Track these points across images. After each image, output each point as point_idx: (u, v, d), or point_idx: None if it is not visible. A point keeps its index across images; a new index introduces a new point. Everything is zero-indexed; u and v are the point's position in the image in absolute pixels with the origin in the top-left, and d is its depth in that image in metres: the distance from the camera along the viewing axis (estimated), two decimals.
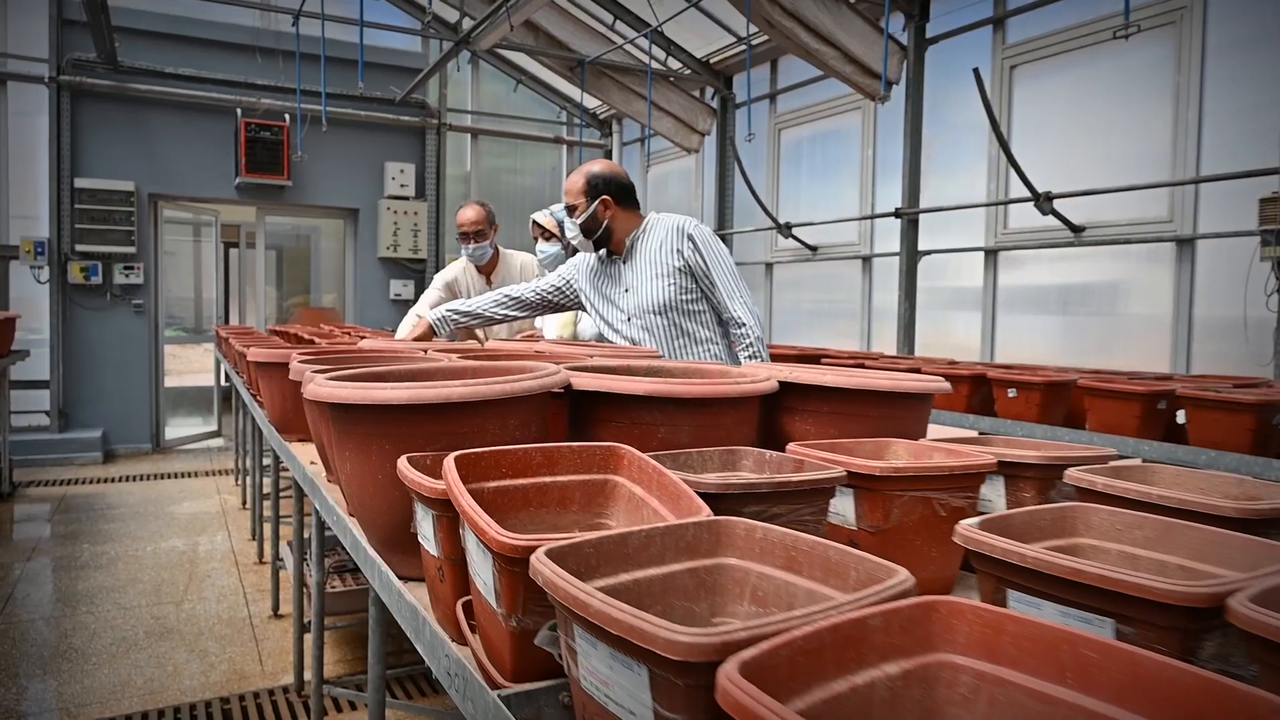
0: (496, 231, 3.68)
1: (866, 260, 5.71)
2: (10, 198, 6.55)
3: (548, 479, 0.94)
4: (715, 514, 0.83)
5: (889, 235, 5.50)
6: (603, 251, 2.63)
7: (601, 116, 8.43)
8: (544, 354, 2.10)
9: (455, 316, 2.77)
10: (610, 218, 2.52)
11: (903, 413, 1.41)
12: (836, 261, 5.97)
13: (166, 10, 6.89)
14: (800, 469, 1.10)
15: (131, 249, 6.71)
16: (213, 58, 7.02)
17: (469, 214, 3.61)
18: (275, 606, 3.65)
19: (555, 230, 3.40)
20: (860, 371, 1.40)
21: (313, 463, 2.05)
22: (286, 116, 7.09)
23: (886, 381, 1.36)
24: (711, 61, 6.83)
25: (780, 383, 1.40)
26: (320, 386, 1.13)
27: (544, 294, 2.76)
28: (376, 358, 1.90)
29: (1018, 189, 4.58)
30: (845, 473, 1.03)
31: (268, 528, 4.30)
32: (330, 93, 6.55)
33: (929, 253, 5.14)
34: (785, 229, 5.95)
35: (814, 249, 6.05)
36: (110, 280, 6.75)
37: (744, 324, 2.44)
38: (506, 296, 2.77)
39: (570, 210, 2.55)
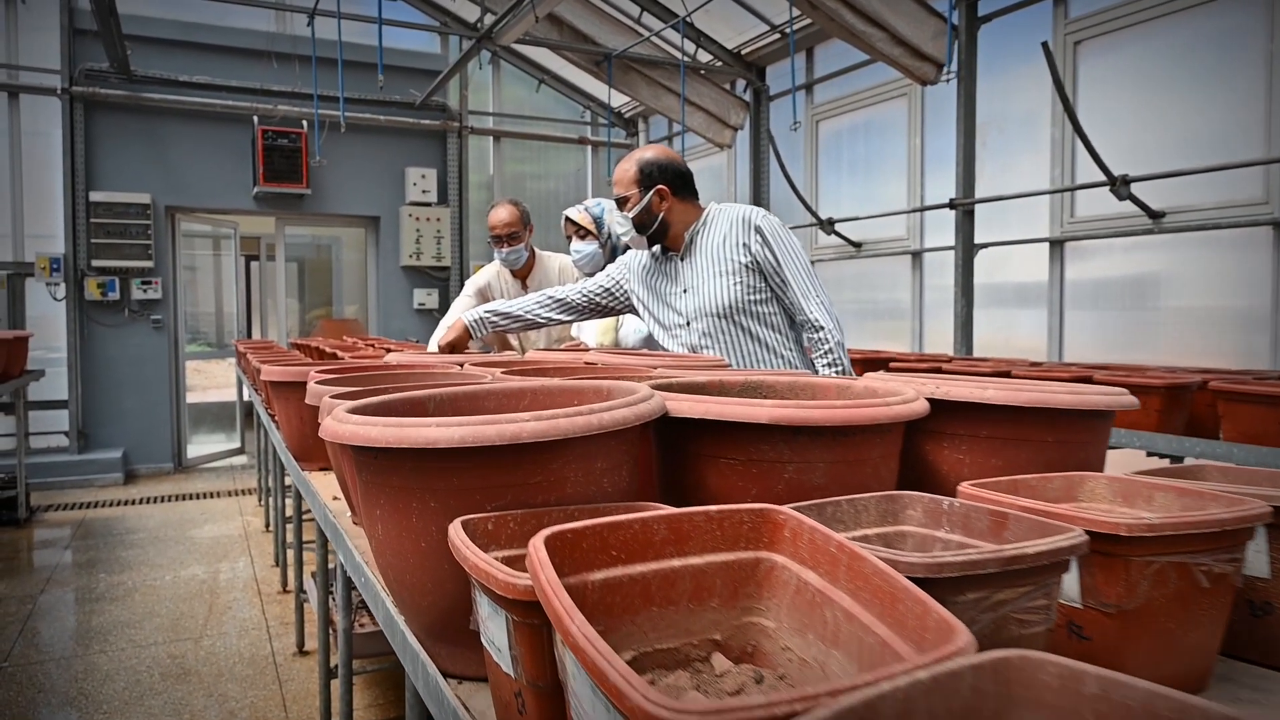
0: (532, 232, 3.38)
1: (916, 256, 5.37)
2: (25, 213, 6.37)
3: (676, 562, 0.63)
4: None
5: (938, 229, 5.16)
6: (657, 248, 2.32)
7: (627, 115, 8.14)
8: (595, 365, 1.80)
9: (494, 318, 2.48)
10: (666, 210, 2.22)
11: (1083, 436, 1.09)
12: (882, 258, 5.63)
13: (178, 17, 6.69)
14: (1003, 525, 0.79)
15: (149, 263, 6.51)
16: (227, 64, 6.81)
17: (502, 214, 3.30)
18: (300, 643, 3.38)
19: (591, 227, 3.10)
20: (1029, 383, 1.09)
21: (335, 498, 1.77)
22: (304, 123, 6.86)
23: (1068, 396, 1.05)
24: (743, 53, 6.52)
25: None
26: (341, 424, 0.83)
27: (591, 295, 2.46)
28: (406, 375, 1.61)
29: (1084, 175, 4.23)
30: (1086, 535, 0.72)
31: (291, 554, 4.04)
32: (348, 97, 6.32)
33: (987, 245, 4.79)
34: (828, 225, 5.62)
35: (858, 245, 5.72)
36: (128, 296, 6.55)
37: (822, 327, 2.12)
38: (550, 298, 2.48)
39: (621, 203, 2.25)
